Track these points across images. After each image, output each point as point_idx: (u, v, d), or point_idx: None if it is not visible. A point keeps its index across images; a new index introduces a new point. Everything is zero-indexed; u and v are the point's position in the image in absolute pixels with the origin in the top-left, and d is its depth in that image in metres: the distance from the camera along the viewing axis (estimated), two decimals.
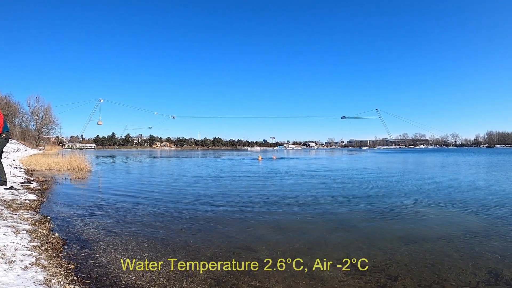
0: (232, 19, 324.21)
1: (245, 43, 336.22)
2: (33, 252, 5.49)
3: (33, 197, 11.85)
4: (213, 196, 12.98)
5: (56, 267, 5.03)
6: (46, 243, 6.36)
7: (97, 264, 5.42)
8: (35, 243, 6.12)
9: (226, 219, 9.05)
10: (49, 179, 18.76)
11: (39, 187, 14.75)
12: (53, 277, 4.57)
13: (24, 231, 6.87)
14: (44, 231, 7.32)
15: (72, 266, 5.22)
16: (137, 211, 10.06)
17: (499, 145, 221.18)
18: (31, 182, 15.97)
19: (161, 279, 4.90)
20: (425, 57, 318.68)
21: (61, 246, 6.34)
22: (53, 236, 6.95)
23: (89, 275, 4.92)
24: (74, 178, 19.69)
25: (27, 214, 8.74)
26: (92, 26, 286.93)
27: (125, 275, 4.98)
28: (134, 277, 4.91)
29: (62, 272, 4.84)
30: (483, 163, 32.64)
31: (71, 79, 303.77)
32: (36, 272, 4.63)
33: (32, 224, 7.78)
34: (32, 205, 10.52)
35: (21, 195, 11.81)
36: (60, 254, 5.78)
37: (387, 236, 7.42)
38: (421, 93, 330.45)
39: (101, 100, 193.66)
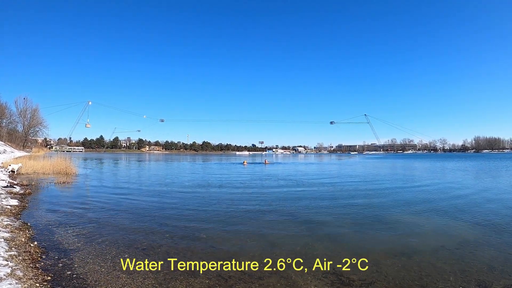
0: (221, 24, 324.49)
1: (235, 49, 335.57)
2: (9, 263, 5.38)
3: (15, 202, 11.64)
4: (198, 204, 12.90)
5: (31, 278, 4.93)
6: (24, 252, 6.24)
7: (74, 275, 5.32)
8: (12, 252, 5.99)
9: (209, 228, 9.00)
10: (33, 183, 18.47)
11: (22, 191, 14.50)
12: None
13: (2, 239, 6.73)
14: (23, 239, 7.19)
15: (49, 278, 5.12)
16: (120, 219, 9.96)
17: (487, 150, 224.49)
18: (15, 186, 15.70)
19: None
20: (413, 63, 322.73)
21: (39, 255, 6.22)
22: (31, 245, 6.82)
23: None
24: (59, 182, 19.40)
25: (7, 221, 8.58)
26: (81, 28, 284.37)
27: None
28: None
29: (37, 285, 4.75)
30: (472, 170, 32.99)
31: (59, 81, 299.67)
32: (10, 284, 4.53)
33: (11, 232, 7.63)
34: (14, 211, 10.33)
35: (2, 200, 11.60)
36: (37, 265, 5.67)
37: (374, 247, 7.42)
38: (410, 99, 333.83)
39: (90, 102, 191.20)
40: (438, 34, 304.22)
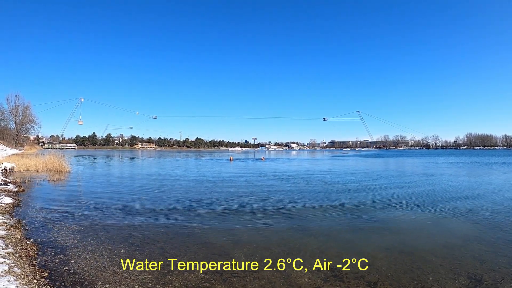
0: (214, 20, 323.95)
1: (228, 45, 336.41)
2: (6, 260, 5.44)
3: (9, 200, 11.64)
4: (191, 200, 12.97)
5: (29, 275, 5.00)
6: (20, 249, 6.30)
7: (72, 271, 5.40)
8: (9, 250, 6.05)
9: (204, 223, 9.10)
10: (27, 180, 18.42)
11: (16, 189, 14.47)
12: (26, 286, 4.55)
13: None
14: (19, 237, 7.23)
15: (46, 274, 5.19)
16: (115, 215, 10.03)
17: (479, 147, 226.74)
18: (8, 184, 15.65)
19: (136, 287, 4.91)
20: (406, 60, 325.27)
21: (35, 252, 6.28)
22: (27, 242, 6.87)
23: (63, 283, 4.91)
24: (52, 180, 19.36)
25: (2, 219, 8.59)
26: (73, 24, 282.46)
27: (100, 283, 4.98)
28: (108, 285, 4.92)
29: (35, 281, 4.82)
30: (465, 166, 33.30)
31: (51, 77, 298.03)
32: (8, 281, 4.60)
33: (7, 229, 7.67)
34: (8, 209, 10.34)
35: None
36: (34, 261, 5.74)
37: (366, 241, 7.56)
38: (402, 96, 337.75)
39: (82, 99, 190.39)
40: (431, 31, 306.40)
